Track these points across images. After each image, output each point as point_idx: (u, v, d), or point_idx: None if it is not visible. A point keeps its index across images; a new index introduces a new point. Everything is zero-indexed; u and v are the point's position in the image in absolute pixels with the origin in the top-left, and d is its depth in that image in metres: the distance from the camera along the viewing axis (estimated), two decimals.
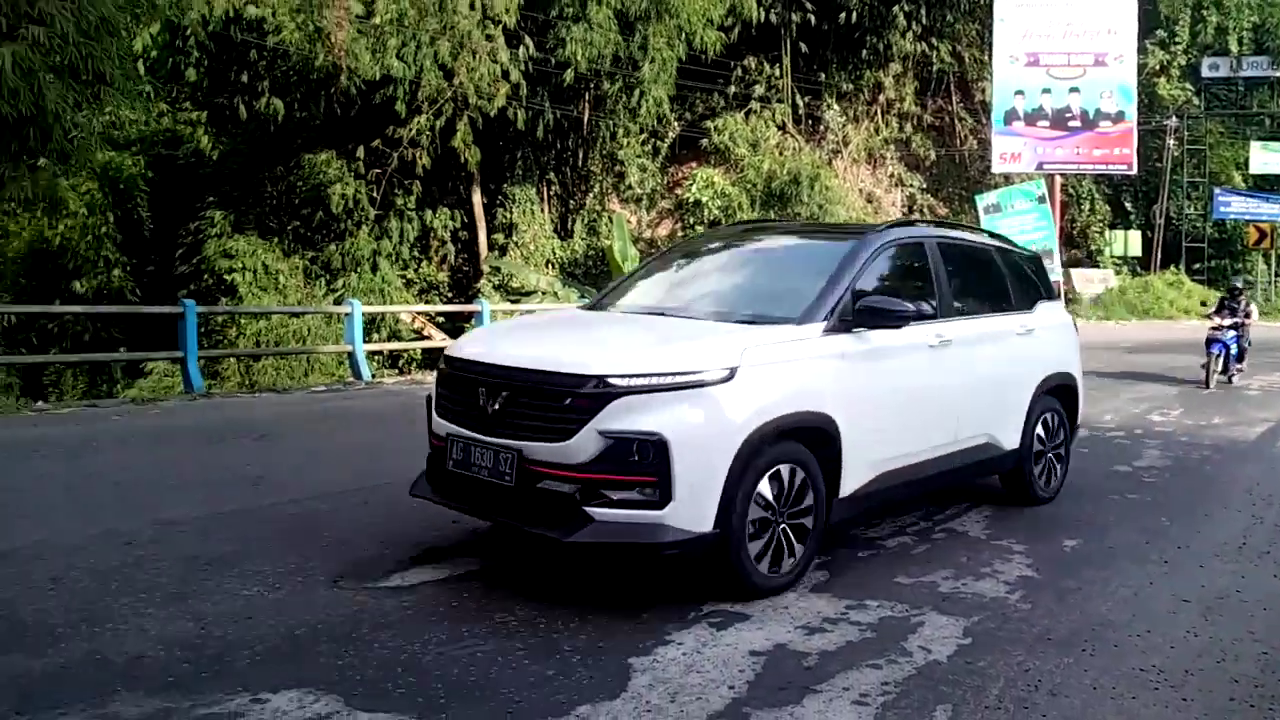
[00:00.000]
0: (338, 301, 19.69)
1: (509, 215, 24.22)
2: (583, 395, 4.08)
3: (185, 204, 21.85)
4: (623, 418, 4.02)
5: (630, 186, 26.80)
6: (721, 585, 4.34)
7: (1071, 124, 27.69)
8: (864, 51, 30.34)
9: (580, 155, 25.99)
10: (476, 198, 23.76)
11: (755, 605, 4.27)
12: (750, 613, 4.19)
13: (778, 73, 29.47)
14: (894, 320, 4.86)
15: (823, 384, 4.61)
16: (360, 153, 20.96)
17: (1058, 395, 6.44)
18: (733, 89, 28.89)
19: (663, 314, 5.12)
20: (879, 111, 31.53)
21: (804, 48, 29.35)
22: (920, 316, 5.15)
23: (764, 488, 4.30)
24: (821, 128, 30.88)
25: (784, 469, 4.39)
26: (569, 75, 21.35)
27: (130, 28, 13.57)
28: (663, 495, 3.99)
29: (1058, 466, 6.46)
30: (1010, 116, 27.83)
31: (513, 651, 3.73)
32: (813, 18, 28.02)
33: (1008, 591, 4.58)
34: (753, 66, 29.06)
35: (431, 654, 3.70)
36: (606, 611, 4.17)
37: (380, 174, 21.44)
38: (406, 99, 19.47)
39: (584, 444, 4.03)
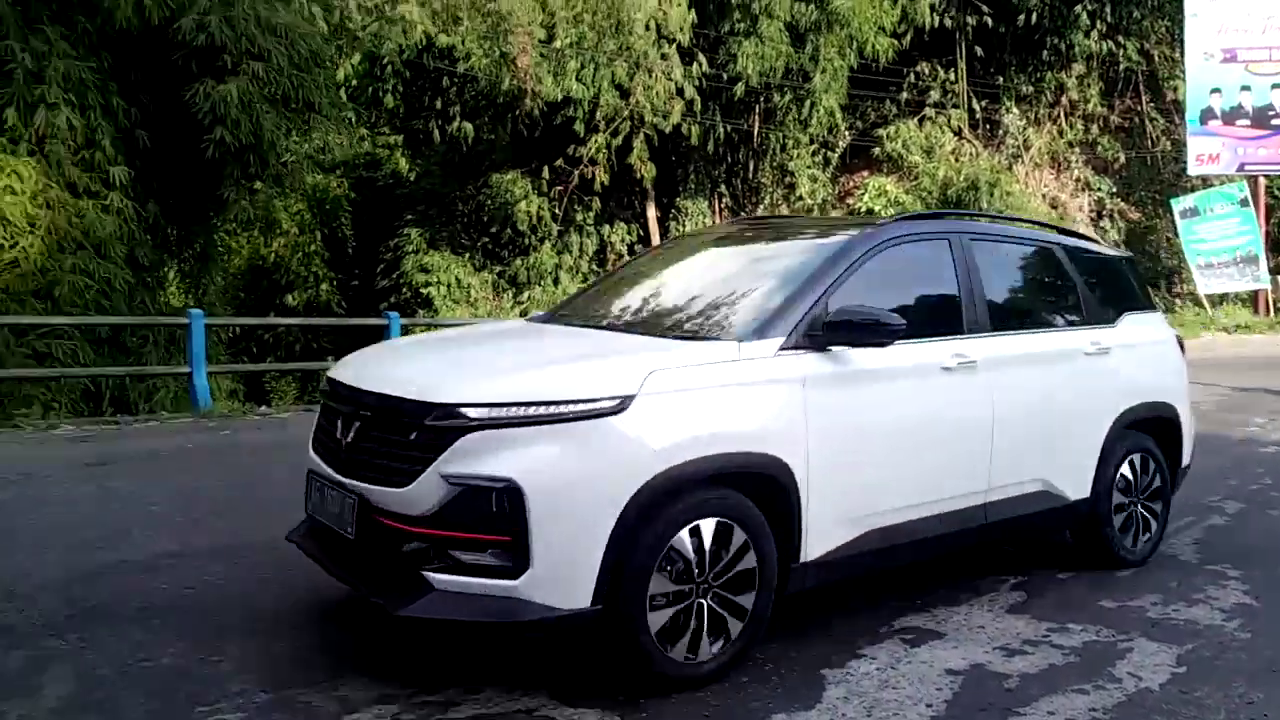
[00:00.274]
0: (523, 313, 20.53)
1: (682, 228, 24.59)
2: (428, 428, 3.28)
3: (384, 223, 23.51)
4: (471, 459, 3.20)
5: (801, 197, 26.61)
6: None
7: (1275, 122, 25.57)
8: (1044, 52, 29.01)
9: (750, 167, 26.05)
10: (651, 212, 24.22)
11: (949, 623, 4.21)
12: (944, 631, 4.12)
13: (952, 77, 28.60)
14: (876, 336, 3.82)
15: (772, 417, 3.65)
16: (545, 172, 21.87)
17: (1151, 431, 5.20)
18: (905, 95, 28.24)
19: (600, 327, 4.32)
20: (1062, 114, 30.08)
21: (980, 51, 28.39)
22: (930, 331, 4.29)
23: (677, 550, 3.40)
24: (1000, 132, 29.73)
25: (708, 526, 3.47)
26: (740, 89, 21.52)
27: (335, 59, 14.64)
28: (517, 561, 3.16)
29: (1151, 521, 5.16)
30: (1206, 116, 25.97)
31: None
32: (989, 20, 27.10)
33: (1224, 619, 4.32)
34: (926, 72, 28.34)
35: None
36: (796, 621, 4.16)
37: (562, 191, 22.28)
38: (585, 119, 20.19)
39: (426, 490, 3.23)
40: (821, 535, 3.79)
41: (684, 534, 3.41)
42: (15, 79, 10.22)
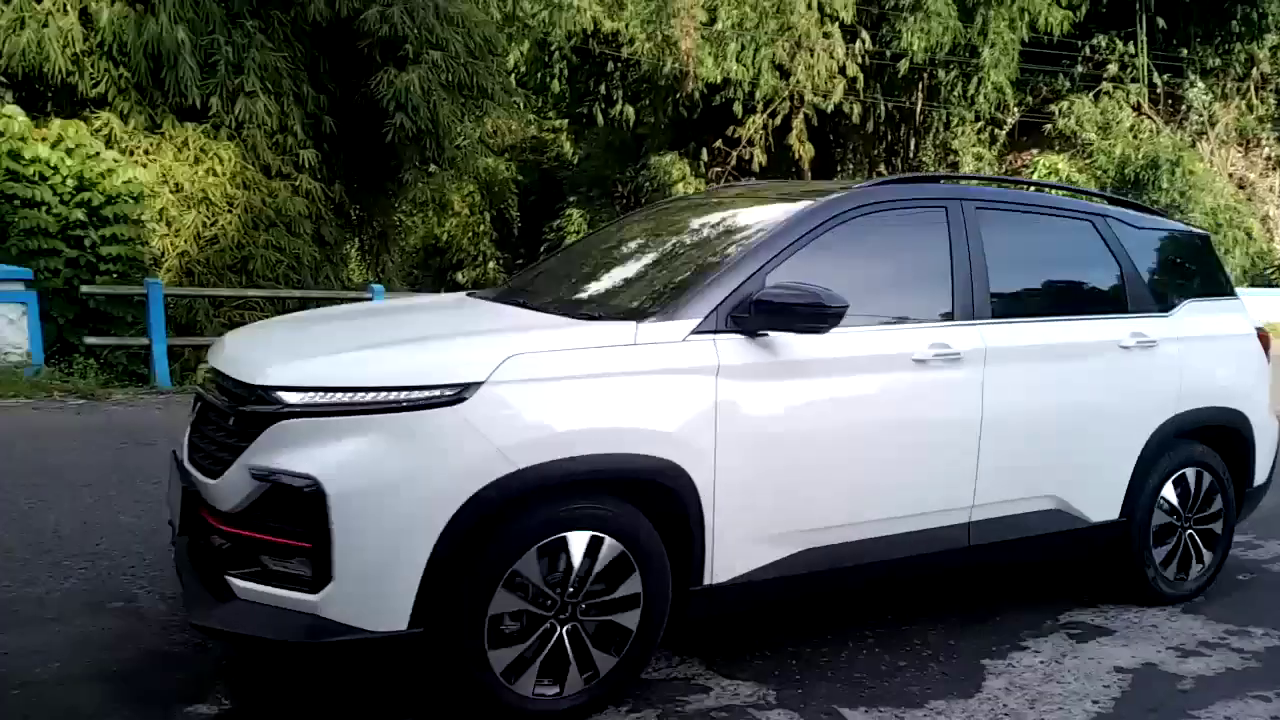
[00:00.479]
0: None
1: None
2: (243, 413, 2.87)
3: (548, 204, 24.43)
4: (279, 450, 2.76)
5: None
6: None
7: None
8: (1234, 22, 26.98)
9: (912, 145, 25.46)
10: None
11: (1119, 620, 4.12)
12: (1114, 628, 4.04)
13: (1132, 50, 27.03)
14: (810, 320, 3.17)
15: (668, 414, 3.07)
16: (702, 154, 22.13)
17: (1211, 442, 4.42)
18: (1080, 69, 26.91)
19: (519, 304, 3.78)
20: (1252, 87, 27.98)
21: (1162, 22, 26.72)
22: (904, 317, 3.66)
23: (532, 568, 2.89)
24: (1183, 107, 27.95)
25: (576, 540, 2.95)
26: (904, 66, 21.07)
27: (506, 46, 15.17)
28: (318, 572, 2.71)
29: (1205, 551, 4.43)
30: None
31: (863, 638, 3.83)
32: None
33: None
34: (1103, 45, 26.87)
35: (785, 631, 3.86)
36: (957, 610, 4.16)
37: (719, 173, 22.47)
38: (744, 100, 20.29)
39: (235, 483, 2.83)
40: (736, 554, 3.24)
41: (543, 549, 2.91)
42: (218, 70, 11.04)
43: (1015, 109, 26.11)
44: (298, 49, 11.81)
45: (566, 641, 2.97)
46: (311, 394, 2.79)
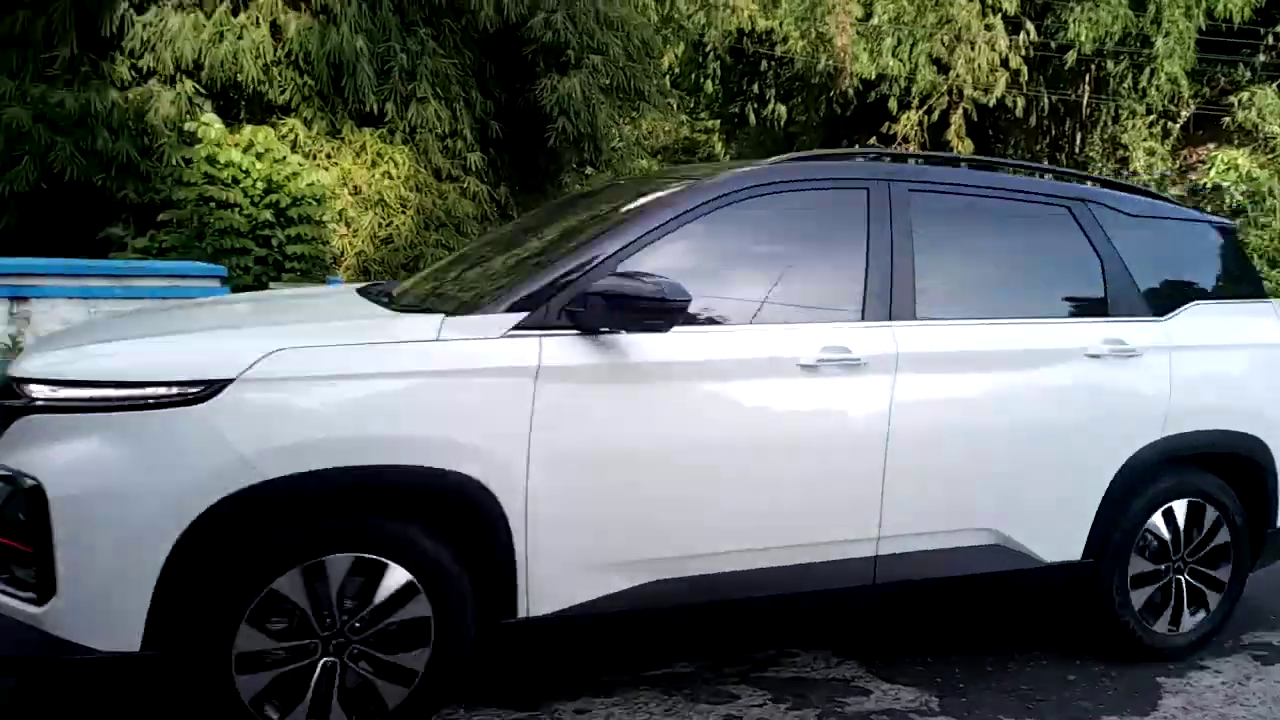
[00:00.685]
0: None
1: None
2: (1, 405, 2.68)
3: None
4: (18, 447, 2.55)
5: (1135, 172, 24.59)
6: None
7: None
8: None
9: (1077, 140, 24.46)
10: None
11: None
12: None
13: None
14: (647, 316, 2.78)
15: (467, 420, 2.72)
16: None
17: (1217, 470, 3.80)
18: (1262, 58, 25.18)
19: (380, 298, 3.45)
20: None
21: None
22: (794, 315, 3.19)
23: (294, 591, 2.60)
24: None
25: (346, 562, 2.64)
26: (1071, 57, 20.31)
27: (662, 49, 15.43)
28: (43, 583, 2.48)
29: (1205, 599, 3.82)
30: None
31: (1029, 649, 3.80)
32: None
33: None
34: None
35: (949, 638, 3.87)
36: None
37: None
38: (899, 96, 19.99)
39: None
40: (560, 584, 2.86)
41: (302, 573, 2.61)
42: (393, 76, 11.63)
43: (1190, 101, 24.68)
44: (467, 56, 12.31)
45: (313, 677, 2.65)
46: (54, 388, 2.59)
